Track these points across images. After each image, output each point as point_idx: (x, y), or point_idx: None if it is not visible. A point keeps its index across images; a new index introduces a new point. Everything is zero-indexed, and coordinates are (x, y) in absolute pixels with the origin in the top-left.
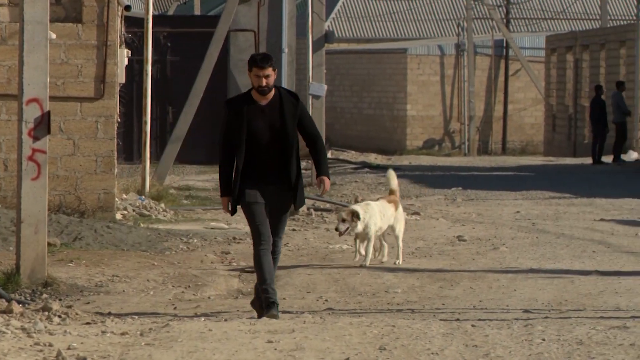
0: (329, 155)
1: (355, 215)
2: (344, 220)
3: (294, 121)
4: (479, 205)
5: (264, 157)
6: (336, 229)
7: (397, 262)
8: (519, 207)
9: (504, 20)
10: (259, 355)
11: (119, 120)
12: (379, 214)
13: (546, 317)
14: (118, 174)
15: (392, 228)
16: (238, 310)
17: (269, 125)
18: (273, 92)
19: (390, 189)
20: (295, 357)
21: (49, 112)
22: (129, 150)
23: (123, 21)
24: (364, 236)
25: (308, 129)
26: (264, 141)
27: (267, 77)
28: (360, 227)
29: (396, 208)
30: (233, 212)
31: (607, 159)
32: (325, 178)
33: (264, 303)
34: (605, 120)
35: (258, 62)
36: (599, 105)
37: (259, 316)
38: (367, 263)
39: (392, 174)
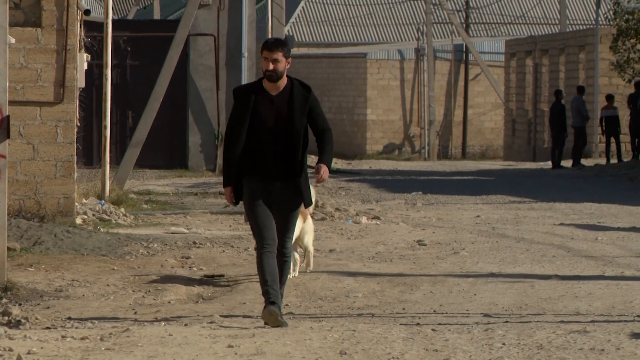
0: None
1: None
2: None
3: (303, 114)
4: (439, 209)
5: (269, 150)
6: None
7: (308, 269)
8: (479, 211)
9: (464, 25)
10: None
11: (79, 124)
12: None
13: (506, 322)
14: (78, 178)
15: (300, 240)
16: (198, 315)
17: (276, 116)
18: (285, 82)
19: None
20: None
21: (8, 117)
22: (89, 155)
23: (82, 25)
24: None
25: (318, 124)
26: (269, 133)
27: (275, 61)
28: None
29: (304, 220)
30: (237, 202)
31: (567, 163)
32: (324, 166)
33: (265, 302)
34: (564, 124)
35: (269, 44)
36: (558, 110)
37: (266, 324)
38: (296, 273)
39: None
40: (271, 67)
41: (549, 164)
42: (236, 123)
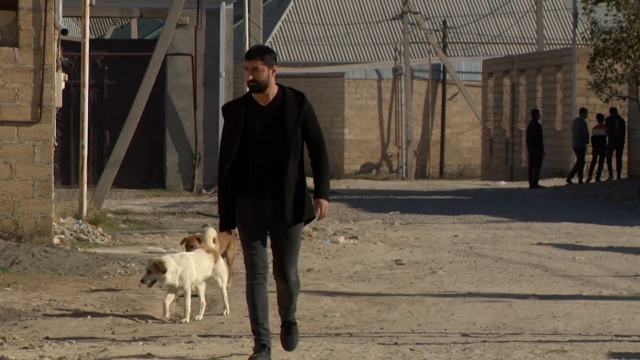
0: None
1: (160, 268)
2: (149, 272)
3: (296, 124)
4: (416, 229)
5: (261, 166)
6: (142, 281)
7: (225, 312)
8: (456, 231)
9: (441, 45)
10: None
11: (56, 144)
12: (195, 267)
13: (484, 341)
14: (55, 198)
15: (212, 280)
16: (176, 335)
17: (267, 128)
18: (276, 91)
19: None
20: None
21: None
22: (67, 174)
23: (60, 45)
24: (176, 289)
25: (312, 134)
26: (261, 147)
27: (254, 70)
28: (169, 278)
29: (216, 260)
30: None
31: (544, 182)
32: (324, 202)
33: (255, 344)
34: (541, 144)
35: (248, 53)
36: (534, 130)
37: None
38: (187, 319)
39: (209, 234)
40: (251, 77)
41: (526, 184)
42: (229, 142)
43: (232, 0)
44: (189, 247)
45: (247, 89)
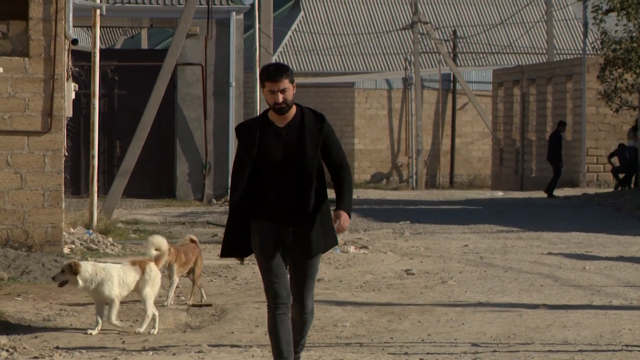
0: None
1: (73, 269)
2: (62, 271)
3: (316, 147)
4: (427, 239)
5: (280, 191)
6: (53, 278)
7: (138, 331)
8: (466, 240)
9: (451, 55)
10: None
11: (67, 154)
12: (117, 281)
13: (494, 351)
14: (65, 207)
15: (138, 292)
16: (186, 345)
17: (285, 150)
18: (294, 111)
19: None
20: None
21: None
22: (77, 184)
23: (70, 55)
24: (102, 299)
25: (333, 156)
26: (278, 170)
27: (283, 91)
28: (81, 284)
29: (143, 272)
30: (244, 253)
31: (558, 192)
32: (344, 213)
33: None
34: (559, 154)
35: (271, 74)
36: (555, 140)
37: None
38: (95, 331)
39: (152, 241)
40: (280, 99)
41: (536, 194)
42: (241, 165)
43: (242, 10)
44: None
45: (267, 109)
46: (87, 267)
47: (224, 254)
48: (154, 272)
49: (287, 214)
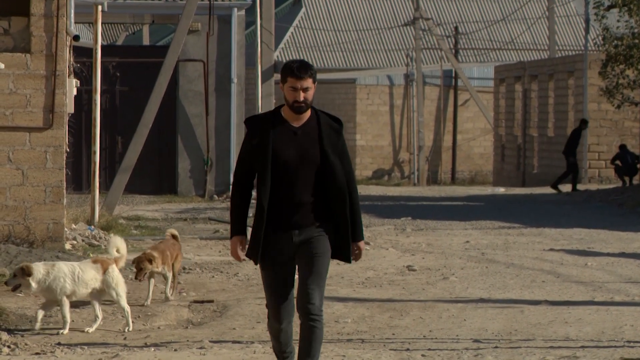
0: None
1: (26, 271)
2: (15, 276)
3: (334, 150)
4: (428, 235)
5: (289, 195)
6: (5, 283)
7: (126, 329)
8: (468, 237)
9: (453, 51)
10: None
11: (68, 150)
12: (71, 277)
13: (496, 347)
14: (67, 203)
15: (102, 292)
16: (188, 341)
17: (301, 153)
18: (309, 112)
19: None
20: None
21: None
22: (78, 180)
23: (72, 51)
24: (53, 297)
25: (345, 166)
26: (292, 173)
27: (305, 90)
28: (35, 286)
29: (105, 270)
30: (251, 255)
31: (560, 188)
32: (361, 244)
33: None
34: (574, 150)
35: (295, 71)
36: (575, 137)
37: None
38: (66, 330)
39: (113, 242)
40: (301, 97)
41: (538, 190)
42: (249, 162)
43: (243, 6)
44: (140, 269)
45: (279, 106)
46: (40, 268)
47: (234, 234)
48: (116, 274)
49: (294, 216)
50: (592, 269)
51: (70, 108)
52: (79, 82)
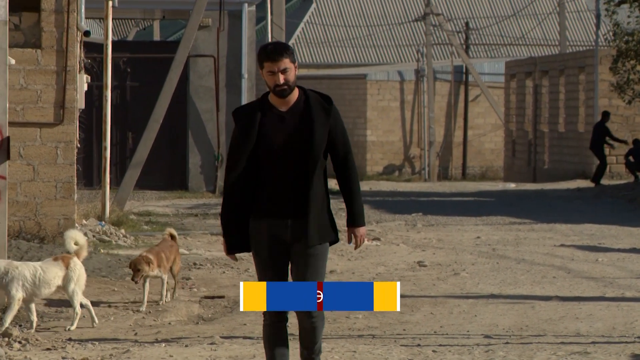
0: None
1: None
2: None
3: (324, 132)
4: (439, 230)
5: (280, 182)
6: None
7: (68, 328)
8: (479, 232)
9: (464, 46)
10: None
11: (79, 145)
12: (31, 280)
13: (507, 343)
14: (78, 199)
15: (64, 289)
16: (199, 336)
17: (289, 137)
18: (297, 94)
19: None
20: None
21: (8, 138)
22: (89, 176)
23: (82, 47)
24: (8, 298)
25: (339, 147)
26: (280, 159)
27: (284, 71)
28: None
29: (67, 267)
30: (234, 249)
31: (565, 184)
32: (360, 229)
33: None
34: (601, 144)
35: (270, 53)
36: (600, 130)
37: None
38: (3, 328)
39: (69, 235)
40: (281, 80)
41: (549, 185)
42: (238, 153)
43: (254, 1)
44: (137, 271)
45: (267, 92)
46: (0, 265)
47: (230, 252)
48: (78, 267)
49: (286, 205)
50: (603, 264)
51: (81, 104)
52: (89, 77)
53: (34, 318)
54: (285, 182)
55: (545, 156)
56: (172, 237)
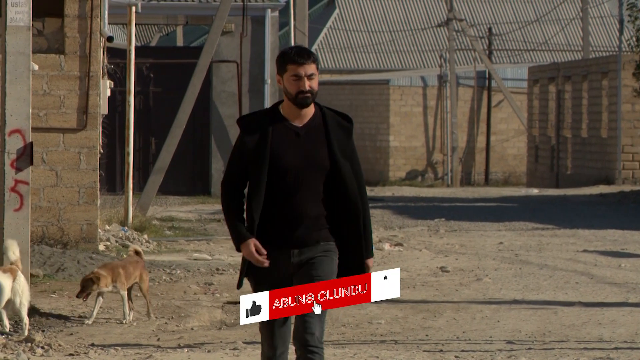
0: None
1: None
2: None
3: (344, 153)
4: (462, 236)
5: (290, 206)
6: None
7: (23, 338)
8: (502, 238)
9: (487, 52)
10: None
11: (102, 151)
12: None
13: (530, 349)
14: (101, 204)
15: (11, 302)
16: (221, 342)
17: (305, 158)
18: (312, 108)
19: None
20: None
21: (31, 143)
22: (112, 181)
23: (105, 52)
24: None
25: (355, 173)
26: (294, 183)
27: (310, 77)
28: None
29: (14, 278)
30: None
31: (588, 189)
32: (369, 261)
33: None
34: None
35: (295, 57)
36: None
37: None
38: None
39: (8, 245)
40: (306, 86)
41: (572, 191)
42: (241, 167)
43: (277, 7)
44: (82, 289)
45: (276, 103)
46: None
47: (240, 242)
48: (22, 280)
49: (295, 231)
50: (626, 270)
51: (104, 109)
52: (112, 83)
53: (7, 324)
54: (294, 208)
55: (568, 162)
56: (137, 253)
